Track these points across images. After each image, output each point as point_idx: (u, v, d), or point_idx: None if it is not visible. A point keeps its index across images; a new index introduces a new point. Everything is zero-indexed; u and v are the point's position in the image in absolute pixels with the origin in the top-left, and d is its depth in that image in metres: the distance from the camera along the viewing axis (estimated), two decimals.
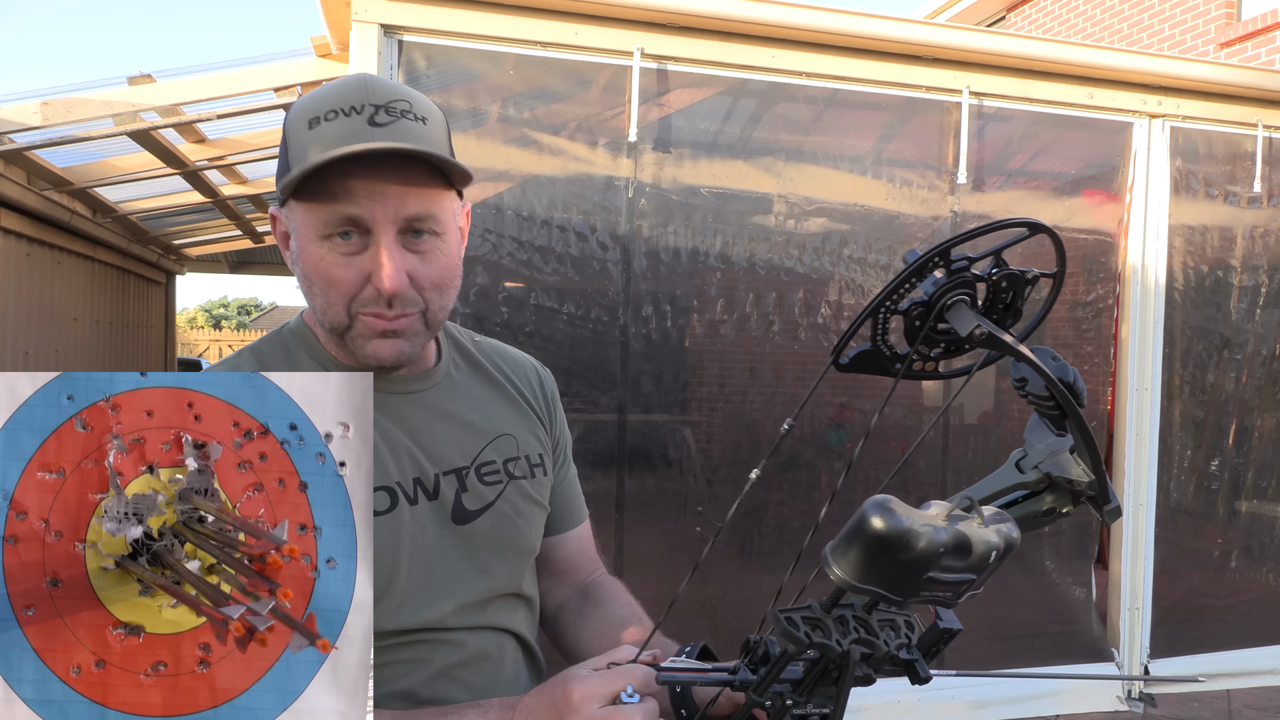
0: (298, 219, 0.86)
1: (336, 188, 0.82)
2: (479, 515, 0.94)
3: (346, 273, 0.84)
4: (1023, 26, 9.59)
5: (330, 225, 0.83)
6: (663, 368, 3.25)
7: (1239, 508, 3.94)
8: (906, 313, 0.65)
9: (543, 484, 1.03)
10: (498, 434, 0.99)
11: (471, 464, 0.96)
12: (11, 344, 4.79)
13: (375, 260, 0.83)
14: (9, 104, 3.69)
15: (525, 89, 3.08)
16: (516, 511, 0.98)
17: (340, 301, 0.85)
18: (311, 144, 0.81)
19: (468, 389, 1.00)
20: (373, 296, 0.85)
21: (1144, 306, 3.65)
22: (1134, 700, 3.59)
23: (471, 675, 0.93)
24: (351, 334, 0.87)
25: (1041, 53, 3.36)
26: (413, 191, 0.84)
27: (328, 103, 0.83)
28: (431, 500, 0.92)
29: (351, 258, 0.84)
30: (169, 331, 9.07)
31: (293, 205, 0.87)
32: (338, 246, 0.84)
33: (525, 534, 1.00)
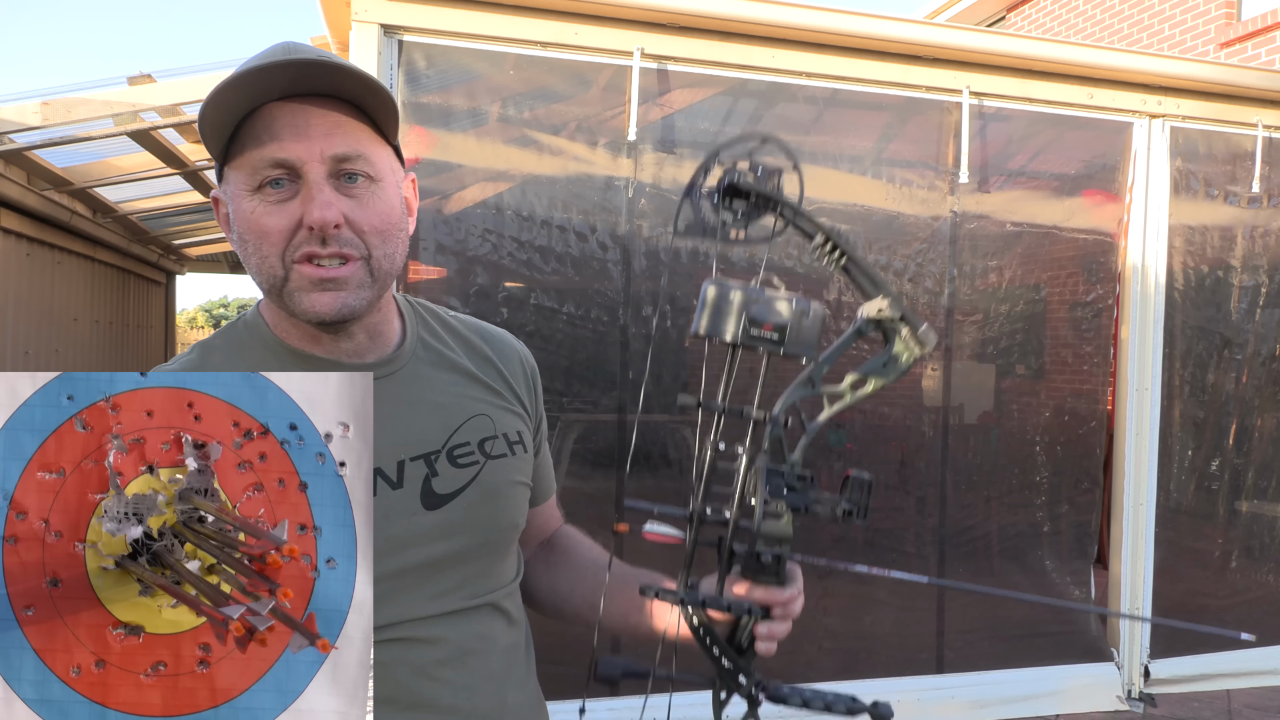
0: (231, 184, 0.85)
1: (261, 132, 0.81)
2: (453, 498, 0.92)
3: (277, 220, 0.82)
4: (1023, 26, 9.59)
5: (258, 172, 0.82)
6: (662, 368, 3.25)
7: (1239, 508, 3.94)
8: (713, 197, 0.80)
9: (523, 461, 1.00)
10: (472, 414, 0.96)
11: (442, 447, 0.92)
12: (11, 344, 4.79)
13: (305, 197, 0.81)
14: (9, 104, 3.69)
15: (525, 89, 3.09)
16: (495, 491, 0.95)
17: (274, 251, 0.82)
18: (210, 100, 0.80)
19: (437, 370, 0.97)
20: (304, 239, 0.82)
21: (1144, 306, 3.65)
22: (1134, 700, 3.59)
23: (454, 673, 0.91)
24: (289, 288, 0.84)
25: (1041, 53, 3.36)
26: (340, 130, 0.83)
27: (246, 62, 0.82)
28: (396, 488, 0.89)
29: (282, 204, 0.82)
30: (169, 331, 9.07)
31: (228, 175, 0.85)
32: (268, 196, 0.82)
33: (506, 512, 0.97)
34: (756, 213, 0.79)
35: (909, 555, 3.57)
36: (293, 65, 0.80)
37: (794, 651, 3.37)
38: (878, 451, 3.53)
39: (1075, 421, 3.73)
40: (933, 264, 3.49)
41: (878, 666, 3.42)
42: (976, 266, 3.56)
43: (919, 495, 3.57)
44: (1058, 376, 3.85)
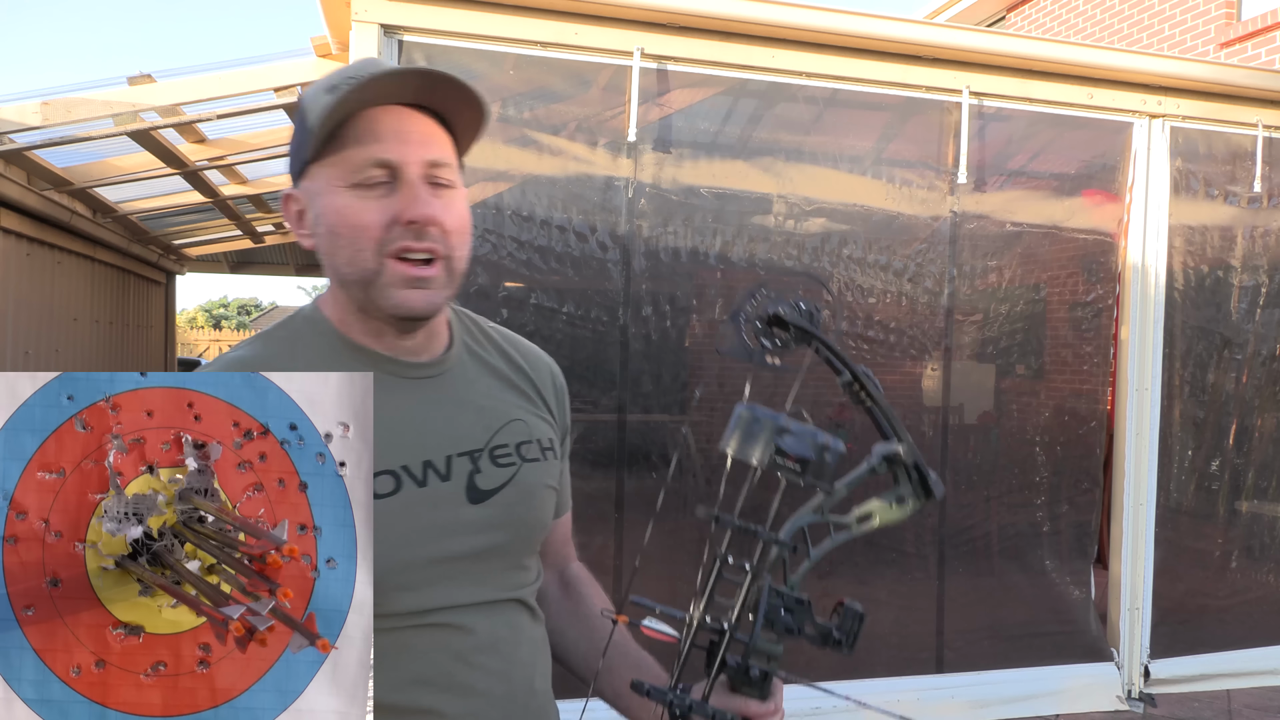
0: (320, 181, 0.89)
1: (364, 134, 0.86)
2: (494, 494, 0.97)
3: (375, 215, 0.87)
4: (1023, 26, 9.59)
5: (359, 170, 0.87)
6: (662, 368, 3.25)
7: (1239, 508, 3.94)
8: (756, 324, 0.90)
9: (553, 467, 1.06)
10: (510, 418, 1.01)
11: (485, 446, 0.97)
12: (11, 344, 4.79)
13: (406, 196, 0.87)
14: (9, 104, 3.69)
15: (525, 89, 3.09)
16: (530, 492, 1.00)
17: (370, 245, 0.87)
18: (337, 100, 0.85)
19: (480, 374, 1.02)
20: (399, 234, 0.87)
21: (1144, 306, 3.65)
22: (1134, 700, 3.59)
23: (488, 659, 0.95)
24: (381, 282, 0.88)
25: (1041, 53, 3.36)
26: (434, 138, 0.89)
27: (345, 72, 0.88)
28: (444, 481, 0.93)
29: (380, 200, 0.87)
30: (169, 331, 9.07)
31: (313, 171, 0.90)
32: (365, 193, 0.87)
33: (538, 511, 1.03)
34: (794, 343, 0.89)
35: (909, 555, 3.57)
36: (414, 74, 0.87)
37: (794, 651, 3.36)
38: None
39: (1075, 421, 3.73)
40: (932, 264, 3.49)
41: (878, 666, 3.42)
42: (976, 266, 3.56)
43: None
44: (1058, 376, 3.85)
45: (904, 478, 0.89)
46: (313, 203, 0.91)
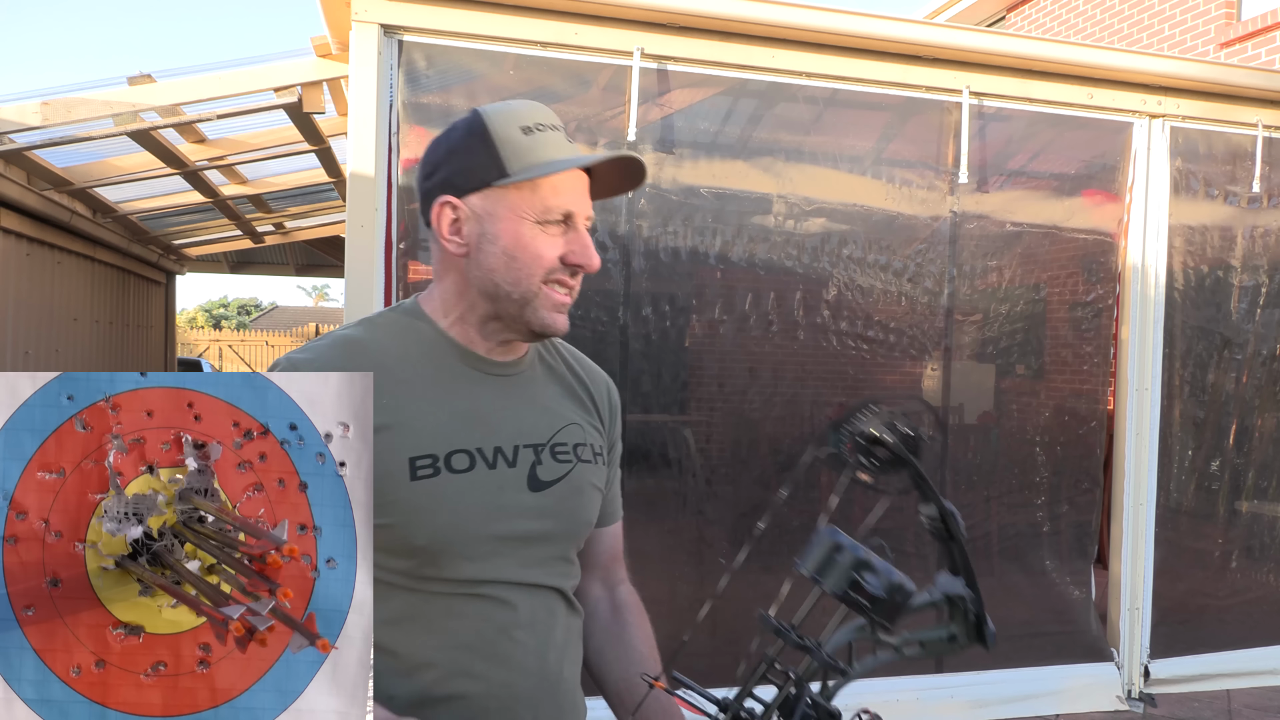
0: (503, 206, 1.02)
1: (558, 185, 1.02)
2: (551, 485, 1.07)
3: (551, 250, 1.02)
4: (1023, 26, 9.59)
5: (548, 213, 1.02)
6: (662, 368, 3.25)
7: (1239, 508, 3.94)
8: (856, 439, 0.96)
9: (602, 472, 1.17)
10: (569, 421, 1.13)
11: (548, 442, 1.09)
12: (11, 344, 4.79)
13: (580, 242, 1.04)
14: (9, 104, 3.69)
15: (525, 89, 3.08)
16: (581, 489, 1.11)
17: (540, 273, 1.02)
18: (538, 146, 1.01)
19: (548, 379, 1.16)
20: (559, 270, 1.03)
21: (1144, 306, 3.66)
22: (1134, 700, 3.59)
23: (527, 636, 1.04)
24: (536, 303, 1.03)
25: (1041, 53, 3.36)
26: (588, 193, 1.07)
27: (532, 116, 1.03)
28: (510, 467, 1.05)
29: (556, 239, 1.03)
30: (169, 331, 9.07)
31: (494, 194, 1.02)
32: (548, 230, 1.02)
33: (587, 509, 1.13)
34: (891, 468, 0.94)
35: (908, 555, 3.57)
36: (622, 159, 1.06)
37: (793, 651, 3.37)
38: None
39: (1075, 421, 3.73)
40: (932, 264, 3.49)
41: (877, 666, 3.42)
42: (976, 266, 3.56)
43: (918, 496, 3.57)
44: (1058, 376, 3.85)
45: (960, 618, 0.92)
46: (483, 220, 1.03)
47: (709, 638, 3.31)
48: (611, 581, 1.26)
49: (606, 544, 1.25)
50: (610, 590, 1.25)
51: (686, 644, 1.01)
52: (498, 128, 1.03)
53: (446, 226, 1.05)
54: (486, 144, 1.02)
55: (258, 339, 22.67)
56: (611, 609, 1.23)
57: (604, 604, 1.23)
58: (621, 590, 1.26)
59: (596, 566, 1.23)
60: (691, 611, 3.29)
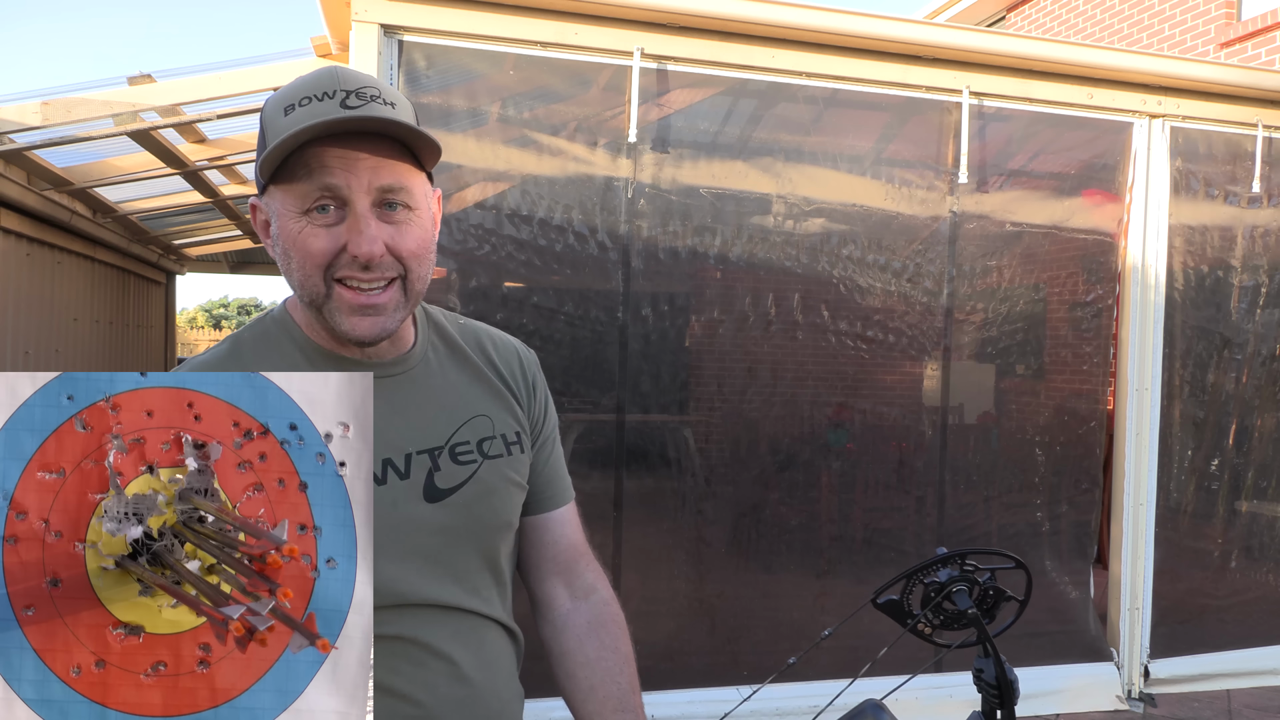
0: (277, 202, 0.90)
1: (313, 163, 0.87)
2: (452, 493, 0.97)
3: (323, 242, 0.88)
4: (1023, 26, 9.59)
5: (308, 198, 0.88)
6: (661, 368, 3.25)
7: (1239, 508, 3.94)
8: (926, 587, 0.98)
9: (519, 461, 1.05)
10: (472, 415, 1.02)
11: (445, 444, 0.98)
12: (11, 344, 4.79)
13: (352, 228, 0.88)
14: (9, 104, 3.69)
15: (525, 89, 3.08)
16: (491, 489, 1.00)
17: (317, 272, 0.89)
18: (288, 127, 0.85)
19: (444, 371, 1.03)
20: (348, 263, 0.88)
21: (1144, 306, 3.66)
22: (1134, 700, 3.59)
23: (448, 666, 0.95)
24: (330, 306, 0.90)
25: (1041, 53, 3.36)
26: (385, 164, 0.89)
27: (301, 91, 0.88)
28: (403, 479, 0.95)
29: (328, 228, 0.88)
30: (169, 331, 9.07)
31: (272, 190, 0.91)
32: (315, 219, 0.88)
33: (500, 511, 1.02)
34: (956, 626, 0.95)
35: (907, 555, 3.57)
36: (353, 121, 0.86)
37: (793, 651, 3.37)
38: (877, 451, 3.53)
39: (1075, 421, 3.73)
40: (932, 264, 3.49)
41: (876, 665, 3.43)
42: (976, 266, 3.56)
43: (918, 495, 3.57)
44: (1057, 376, 3.85)
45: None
46: (273, 218, 0.92)
47: (708, 637, 3.32)
48: (581, 587, 1.10)
49: (557, 533, 1.10)
50: (582, 599, 1.09)
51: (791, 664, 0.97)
52: (268, 112, 0.90)
53: (261, 229, 0.96)
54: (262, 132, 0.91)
55: None
56: (587, 626, 1.07)
57: (575, 618, 1.07)
58: (595, 601, 1.09)
59: (555, 563, 1.10)
60: (691, 611, 3.29)
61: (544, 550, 1.10)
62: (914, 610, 0.97)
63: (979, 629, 0.92)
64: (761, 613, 3.37)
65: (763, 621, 3.37)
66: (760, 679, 3.32)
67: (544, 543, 1.10)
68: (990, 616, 0.97)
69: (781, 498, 3.43)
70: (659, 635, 3.25)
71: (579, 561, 1.12)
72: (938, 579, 0.96)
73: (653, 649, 3.22)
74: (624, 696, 1.02)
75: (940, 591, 0.93)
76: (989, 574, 1.00)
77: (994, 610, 0.97)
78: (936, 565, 0.96)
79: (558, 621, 1.08)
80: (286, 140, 0.84)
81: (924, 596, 0.96)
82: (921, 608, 0.96)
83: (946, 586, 0.95)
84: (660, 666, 3.19)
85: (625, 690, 1.02)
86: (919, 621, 0.95)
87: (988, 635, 0.92)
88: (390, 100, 0.89)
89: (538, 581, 1.11)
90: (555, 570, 1.10)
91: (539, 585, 1.10)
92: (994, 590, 0.97)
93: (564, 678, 1.05)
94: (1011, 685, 0.92)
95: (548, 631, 1.09)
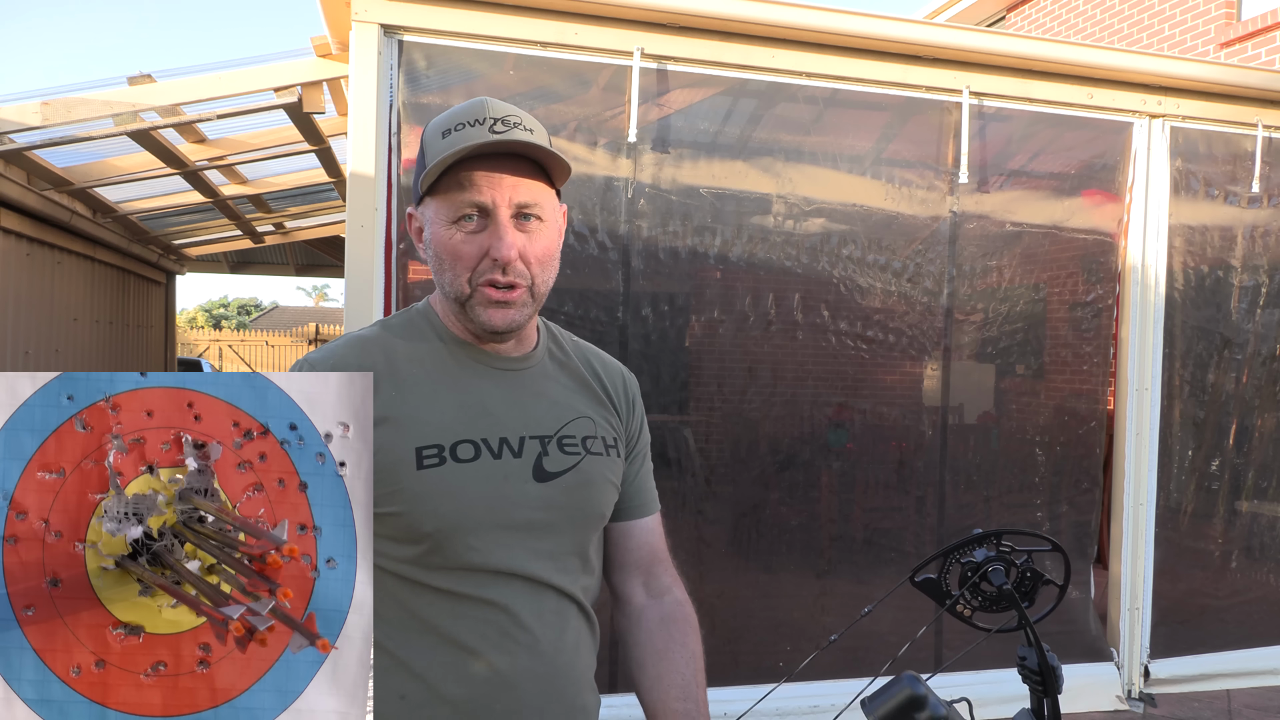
0: (431, 211, 1.05)
1: (464, 180, 1.02)
2: (557, 477, 1.07)
3: (470, 248, 1.03)
4: (1023, 26, 9.59)
5: (458, 210, 1.02)
6: (661, 368, 3.25)
7: (1239, 508, 3.94)
8: (964, 566, 0.98)
9: (615, 464, 1.16)
10: (579, 414, 1.14)
11: (555, 434, 1.10)
12: (11, 344, 4.79)
13: (493, 234, 1.02)
14: (9, 104, 3.69)
15: (525, 89, 3.09)
16: (590, 481, 1.10)
17: (464, 273, 1.03)
18: (445, 149, 1.00)
19: (558, 374, 1.16)
20: (489, 267, 1.02)
21: (1144, 306, 3.65)
22: (1134, 700, 3.59)
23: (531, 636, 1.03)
24: (472, 303, 1.04)
25: (1041, 53, 3.36)
26: (523, 183, 1.03)
27: (457, 118, 1.03)
28: (516, 458, 1.06)
29: (474, 236, 1.03)
30: (169, 331, 9.07)
31: (428, 201, 1.05)
32: (463, 227, 1.03)
33: (596, 501, 1.12)
34: (996, 607, 0.95)
35: (907, 555, 3.57)
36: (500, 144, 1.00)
37: (794, 650, 3.37)
38: (877, 451, 3.53)
39: (1075, 421, 3.73)
40: (932, 264, 3.49)
41: (877, 666, 3.43)
42: (976, 266, 3.56)
43: (918, 495, 3.57)
44: (1057, 376, 3.85)
45: None
46: (425, 228, 1.07)
47: (707, 636, 3.31)
48: (657, 587, 1.21)
49: (641, 539, 1.22)
50: (657, 598, 1.20)
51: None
52: (428, 135, 1.06)
53: (415, 235, 1.11)
54: (422, 152, 1.07)
55: (258, 339, 22.66)
56: (659, 621, 1.17)
57: (650, 613, 1.18)
58: (669, 601, 1.20)
59: (635, 566, 1.21)
60: None
61: (628, 554, 1.21)
62: (952, 590, 0.97)
63: (1016, 608, 0.92)
64: (761, 613, 3.37)
65: (763, 621, 3.37)
66: (760, 679, 3.32)
67: (629, 546, 1.21)
68: (1029, 600, 0.98)
69: (781, 498, 3.43)
70: None
71: (658, 565, 1.23)
72: (974, 559, 0.97)
73: None
74: (687, 686, 1.11)
75: (977, 571, 0.94)
76: (1026, 556, 1.01)
77: (1032, 594, 0.98)
78: (972, 545, 0.96)
79: (633, 615, 1.18)
80: (441, 160, 0.99)
81: (961, 576, 0.97)
82: (960, 588, 0.96)
83: (983, 566, 0.96)
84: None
85: (689, 682, 1.11)
86: (957, 601, 0.94)
87: (1027, 619, 0.93)
88: (529, 127, 1.03)
89: (620, 580, 1.21)
90: (636, 571, 1.21)
91: (620, 583, 1.21)
92: (1031, 572, 0.99)
93: (634, 666, 1.14)
94: (1054, 671, 0.93)
95: (623, 623, 1.19)
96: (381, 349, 1.06)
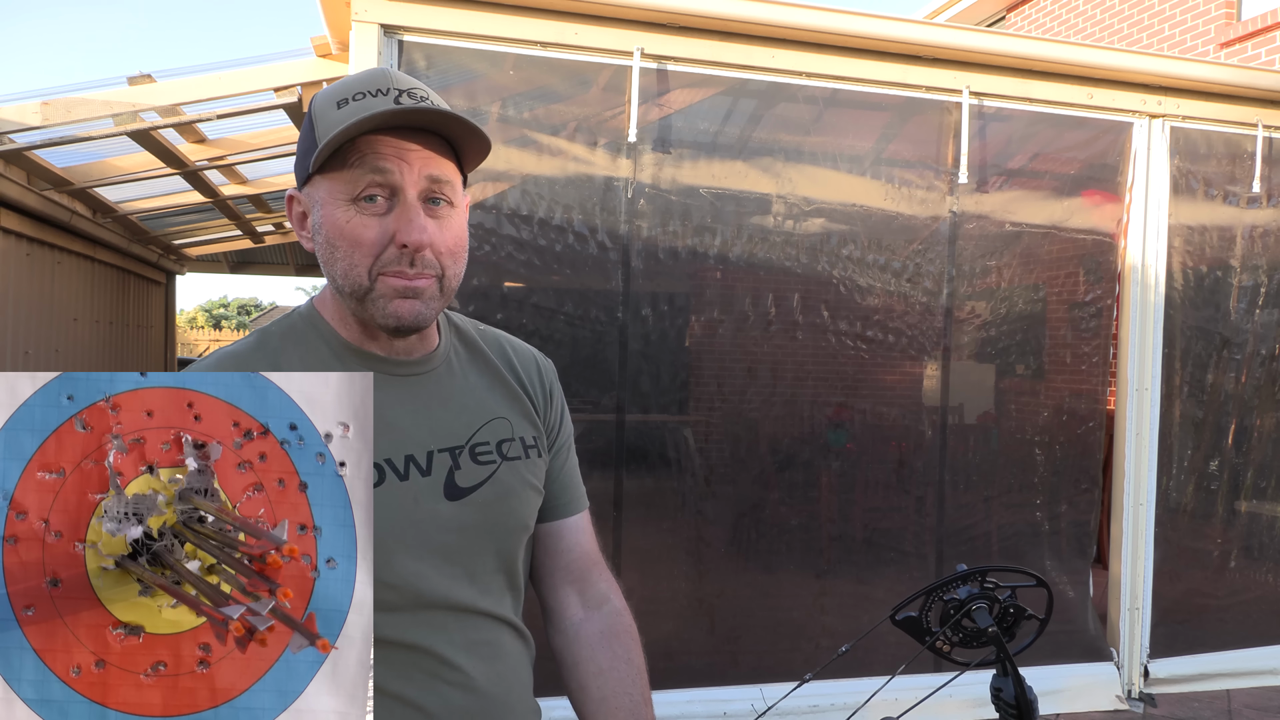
0: (322, 191, 0.92)
1: (366, 152, 0.89)
2: (472, 491, 0.98)
3: (372, 232, 0.90)
4: (1023, 26, 9.59)
5: (358, 186, 0.89)
6: (661, 367, 3.25)
7: (1239, 508, 3.94)
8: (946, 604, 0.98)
9: (537, 466, 1.06)
10: (492, 417, 1.03)
11: (466, 444, 0.99)
12: (11, 344, 4.79)
13: (401, 217, 0.89)
14: (9, 104, 3.69)
15: (525, 89, 3.08)
16: (509, 491, 1.01)
17: (364, 262, 0.90)
18: (343, 119, 0.88)
19: (465, 374, 1.05)
20: (394, 256, 0.90)
21: (1144, 306, 3.65)
22: (1134, 700, 3.59)
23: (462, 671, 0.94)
24: (373, 295, 0.91)
25: (1041, 53, 3.36)
26: (434, 157, 0.91)
27: (354, 87, 0.91)
28: (425, 476, 0.95)
29: (377, 218, 0.90)
30: (169, 331, 9.07)
31: (317, 180, 0.92)
32: (364, 209, 0.90)
33: (518, 512, 1.03)
34: (975, 644, 0.95)
35: (907, 555, 3.57)
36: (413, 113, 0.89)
37: (792, 650, 3.37)
38: (877, 451, 3.53)
39: (1075, 421, 3.73)
40: (932, 264, 3.49)
41: (877, 666, 3.42)
42: (976, 266, 3.56)
43: (918, 495, 3.57)
44: (1057, 376, 3.85)
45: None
46: (316, 207, 0.93)
47: (708, 636, 3.32)
48: (594, 596, 1.10)
49: (571, 540, 1.11)
50: (595, 609, 1.09)
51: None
52: (318, 106, 0.93)
53: (296, 222, 0.98)
54: (310, 126, 0.93)
55: None
56: (599, 636, 1.06)
57: (588, 628, 1.07)
58: (608, 611, 1.09)
59: (567, 573, 1.10)
60: (690, 610, 3.29)
61: (557, 558, 1.10)
62: (932, 628, 0.97)
63: (999, 647, 0.92)
64: (761, 613, 3.37)
65: (762, 621, 3.37)
66: (760, 679, 3.32)
67: (557, 550, 1.10)
68: (1010, 635, 0.97)
69: (781, 498, 3.43)
70: (659, 635, 3.25)
71: (592, 570, 1.12)
72: (957, 596, 0.96)
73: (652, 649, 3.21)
74: (636, 708, 1.01)
75: (960, 609, 0.93)
76: (1010, 592, 1.00)
77: (1014, 629, 0.97)
78: (956, 582, 0.95)
79: (570, 631, 1.07)
80: (347, 128, 0.86)
81: (943, 614, 0.96)
82: (940, 625, 0.95)
83: (966, 604, 0.95)
84: (660, 666, 3.19)
85: (638, 702, 1.02)
86: (937, 639, 0.94)
87: (1008, 654, 0.92)
88: (438, 104, 0.92)
89: (550, 590, 1.10)
90: (568, 579, 1.10)
91: (551, 594, 1.10)
92: (1014, 608, 0.97)
93: (575, 688, 1.04)
94: (1031, 705, 0.92)
95: (559, 641, 1.08)
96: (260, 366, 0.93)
